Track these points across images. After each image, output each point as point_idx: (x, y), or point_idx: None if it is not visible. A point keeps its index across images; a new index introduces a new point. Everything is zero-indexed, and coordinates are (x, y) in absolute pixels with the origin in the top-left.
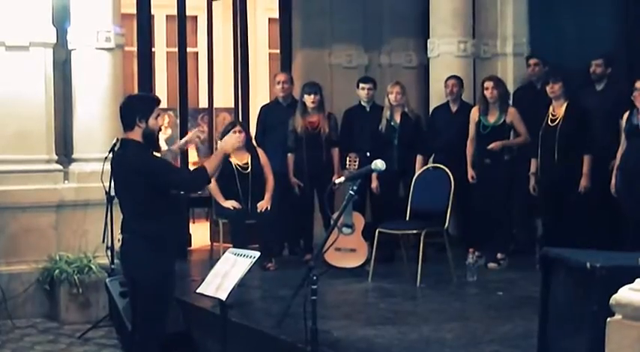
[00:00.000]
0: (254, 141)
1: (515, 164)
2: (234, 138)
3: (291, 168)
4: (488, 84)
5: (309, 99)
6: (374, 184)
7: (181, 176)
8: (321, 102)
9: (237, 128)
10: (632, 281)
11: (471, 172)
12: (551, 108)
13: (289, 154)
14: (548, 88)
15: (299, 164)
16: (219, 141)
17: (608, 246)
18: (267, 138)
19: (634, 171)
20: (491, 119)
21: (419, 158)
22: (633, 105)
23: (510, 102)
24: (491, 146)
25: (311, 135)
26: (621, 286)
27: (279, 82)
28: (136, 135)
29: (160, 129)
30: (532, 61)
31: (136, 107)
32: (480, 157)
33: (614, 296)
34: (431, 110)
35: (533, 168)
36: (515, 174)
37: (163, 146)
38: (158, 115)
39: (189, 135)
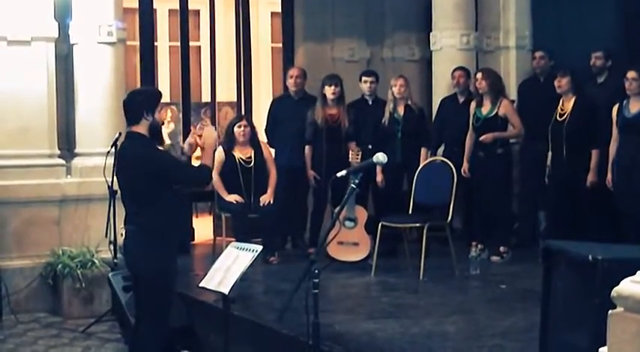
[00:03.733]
0: (263, 134)
1: (512, 157)
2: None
3: (309, 161)
4: (478, 75)
5: (329, 91)
6: (379, 178)
7: (186, 171)
8: (341, 94)
9: (243, 122)
10: (634, 274)
11: (465, 166)
12: (560, 103)
13: (307, 146)
14: (555, 83)
15: (317, 157)
16: (221, 136)
17: (610, 238)
18: (276, 131)
19: (630, 165)
20: (484, 111)
21: (423, 151)
22: (625, 97)
23: (515, 95)
24: (482, 138)
25: (331, 127)
26: (623, 278)
27: (291, 76)
28: (142, 128)
29: (163, 123)
30: (537, 54)
31: (142, 101)
32: (474, 150)
33: (615, 288)
34: (434, 102)
35: (548, 162)
36: (513, 167)
37: (167, 140)
38: (161, 109)
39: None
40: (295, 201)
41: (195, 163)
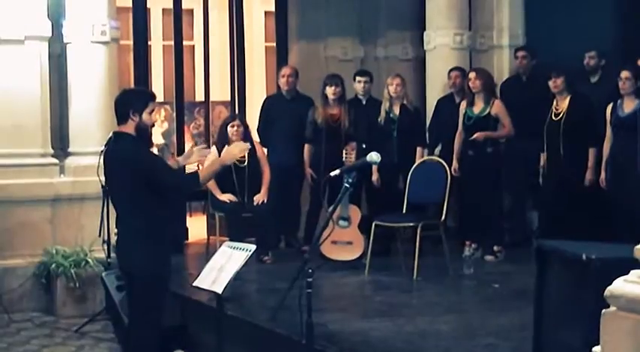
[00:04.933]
0: (255, 134)
1: (501, 157)
2: (238, 149)
3: (308, 159)
4: (471, 74)
5: (330, 91)
6: (375, 177)
7: (172, 178)
8: (342, 94)
9: (236, 122)
10: (627, 273)
11: (454, 165)
12: (554, 103)
13: (306, 145)
14: (550, 83)
15: (316, 156)
16: (215, 135)
17: (604, 238)
18: (269, 130)
19: (624, 164)
20: (476, 110)
21: (418, 150)
22: (619, 97)
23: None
24: (474, 136)
25: (331, 127)
26: (616, 278)
27: (283, 76)
28: (129, 128)
29: (154, 125)
30: (520, 54)
31: (130, 100)
32: (464, 149)
33: (608, 288)
34: (428, 101)
35: (542, 162)
36: (504, 166)
37: (160, 139)
38: (152, 111)
39: (195, 154)
40: (288, 200)
41: None
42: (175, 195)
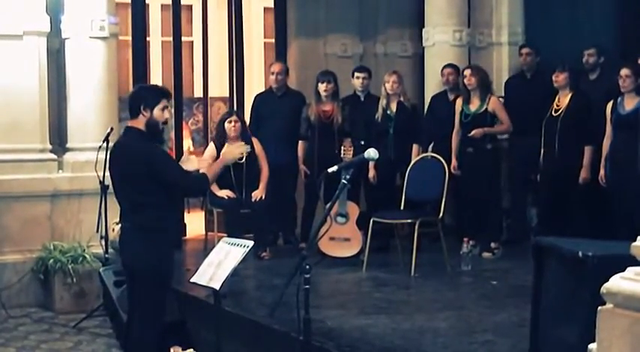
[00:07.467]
0: (249, 131)
1: (501, 153)
2: (236, 150)
3: (301, 155)
4: (467, 71)
5: (322, 88)
6: (371, 173)
7: (182, 177)
8: (335, 91)
9: (233, 117)
10: (624, 270)
11: (454, 162)
12: (556, 99)
13: (300, 141)
14: (553, 77)
15: (309, 152)
16: (213, 131)
17: (601, 235)
18: (260, 127)
19: (624, 162)
20: (473, 107)
21: (415, 147)
22: (619, 94)
23: (502, 91)
24: (472, 133)
25: (324, 124)
26: (613, 275)
27: (272, 73)
28: (140, 123)
29: (166, 123)
30: (524, 51)
31: (143, 95)
32: (463, 146)
33: (605, 285)
34: (427, 98)
35: (541, 158)
36: (505, 163)
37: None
38: (165, 107)
39: (193, 162)
40: (283, 197)
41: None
42: (183, 195)
